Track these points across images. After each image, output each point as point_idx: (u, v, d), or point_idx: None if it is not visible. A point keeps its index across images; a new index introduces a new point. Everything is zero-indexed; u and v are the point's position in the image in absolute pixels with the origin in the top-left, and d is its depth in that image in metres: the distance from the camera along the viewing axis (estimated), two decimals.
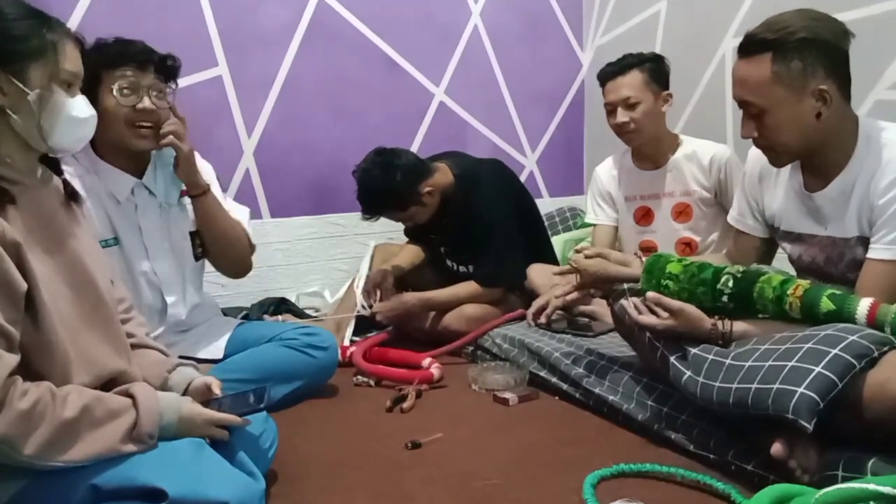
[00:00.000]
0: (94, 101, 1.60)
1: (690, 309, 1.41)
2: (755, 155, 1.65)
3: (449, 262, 2.52)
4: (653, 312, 1.46)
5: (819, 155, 1.45)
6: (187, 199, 1.85)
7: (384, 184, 2.19)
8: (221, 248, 1.87)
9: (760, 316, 1.40)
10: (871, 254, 1.40)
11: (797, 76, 1.36)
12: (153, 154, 1.77)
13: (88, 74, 1.58)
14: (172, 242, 1.81)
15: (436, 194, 2.29)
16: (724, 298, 1.40)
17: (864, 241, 1.43)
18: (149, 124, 1.67)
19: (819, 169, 1.48)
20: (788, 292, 1.33)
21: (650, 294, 1.46)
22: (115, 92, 1.62)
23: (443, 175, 2.32)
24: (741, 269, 1.42)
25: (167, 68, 1.70)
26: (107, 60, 1.61)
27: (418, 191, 2.24)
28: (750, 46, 1.40)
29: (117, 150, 1.70)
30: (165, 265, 1.78)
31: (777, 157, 1.49)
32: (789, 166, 1.55)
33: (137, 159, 1.74)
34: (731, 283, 1.39)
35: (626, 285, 1.61)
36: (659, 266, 1.50)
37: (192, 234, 1.86)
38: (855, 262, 1.46)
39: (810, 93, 1.37)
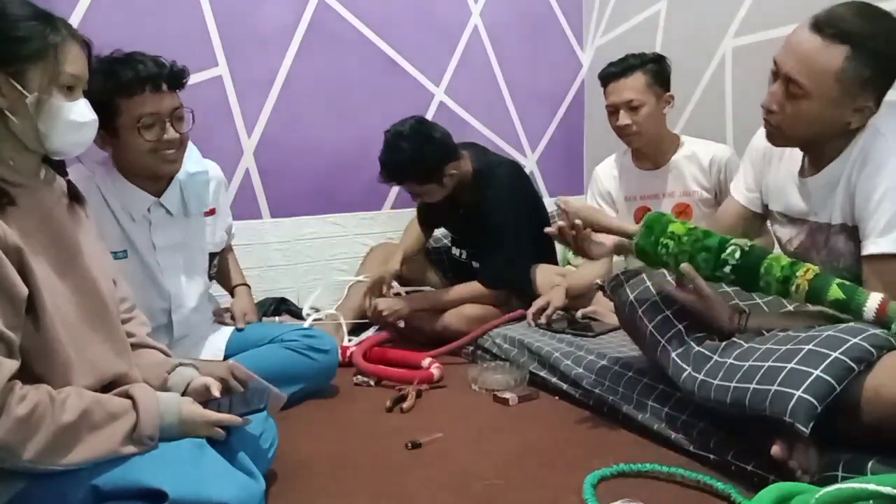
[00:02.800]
0: (115, 132, 1.61)
1: (718, 300, 1.40)
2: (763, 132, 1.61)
3: (456, 251, 2.52)
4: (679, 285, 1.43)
5: (821, 146, 1.42)
6: (209, 218, 1.87)
7: (413, 153, 2.17)
8: None
9: (757, 296, 1.38)
10: (865, 250, 1.36)
11: (859, 84, 1.29)
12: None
13: (107, 105, 1.57)
14: (187, 260, 1.82)
15: (455, 179, 2.28)
16: (727, 269, 1.37)
17: (847, 230, 1.41)
18: (173, 150, 1.67)
19: (816, 156, 1.46)
20: (798, 274, 1.31)
21: (685, 266, 1.39)
22: (138, 128, 1.60)
23: (465, 163, 2.32)
24: (749, 242, 1.39)
25: (177, 78, 1.67)
26: (122, 88, 1.58)
27: (443, 170, 2.23)
28: (831, 27, 1.28)
29: (139, 173, 1.70)
30: (176, 282, 1.79)
31: (777, 138, 1.45)
32: (793, 149, 1.52)
33: (158, 180, 1.74)
34: (737, 255, 1.36)
35: (621, 271, 1.59)
36: (661, 224, 1.44)
37: (210, 255, 1.88)
38: (835, 251, 1.45)
39: (856, 105, 1.32)
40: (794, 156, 1.52)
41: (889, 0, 2.03)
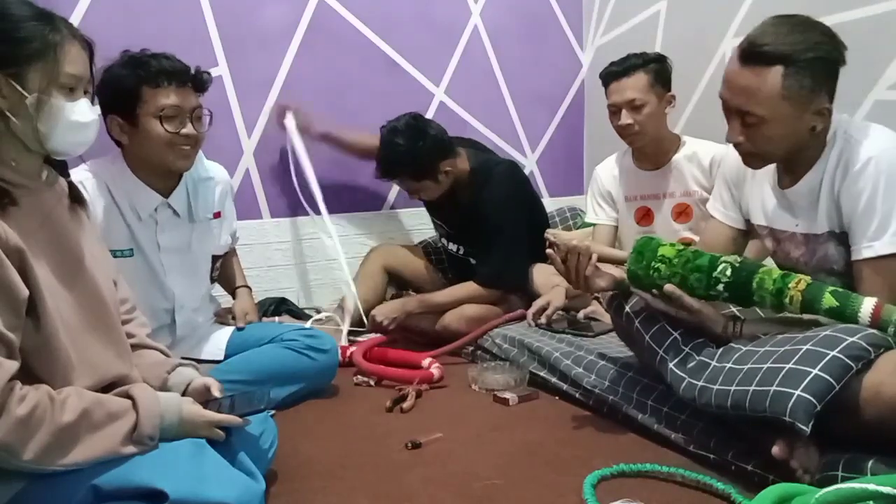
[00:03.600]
0: (135, 119, 1.63)
1: (708, 310, 1.40)
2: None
3: (452, 247, 2.53)
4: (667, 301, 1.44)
5: (796, 157, 1.44)
6: (216, 221, 1.88)
7: (408, 148, 2.19)
8: None
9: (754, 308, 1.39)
10: (859, 255, 1.37)
11: (806, 94, 1.32)
12: (185, 174, 1.77)
13: (131, 93, 1.60)
14: (191, 262, 1.82)
15: (451, 176, 2.29)
16: (720, 287, 1.38)
17: (835, 237, 1.42)
18: (188, 146, 1.68)
19: (791, 167, 1.47)
20: (790, 285, 1.31)
21: (668, 287, 1.41)
22: (160, 118, 1.62)
23: (462, 161, 2.32)
24: (739, 259, 1.40)
25: (201, 82, 1.71)
26: (149, 78, 1.61)
27: (438, 167, 2.24)
28: (758, 56, 1.33)
29: (151, 168, 1.71)
30: (180, 283, 1.79)
31: (756, 162, 1.47)
32: None
33: (168, 178, 1.75)
34: (728, 272, 1.37)
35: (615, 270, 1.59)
36: (651, 248, 1.46)
37: (213, 257, 1.89)
38: (827, 258, 1.45)
39: (812, 110, 1.34)
40: (769, 168, 1.53)
41: (889, 1, 2.04)
